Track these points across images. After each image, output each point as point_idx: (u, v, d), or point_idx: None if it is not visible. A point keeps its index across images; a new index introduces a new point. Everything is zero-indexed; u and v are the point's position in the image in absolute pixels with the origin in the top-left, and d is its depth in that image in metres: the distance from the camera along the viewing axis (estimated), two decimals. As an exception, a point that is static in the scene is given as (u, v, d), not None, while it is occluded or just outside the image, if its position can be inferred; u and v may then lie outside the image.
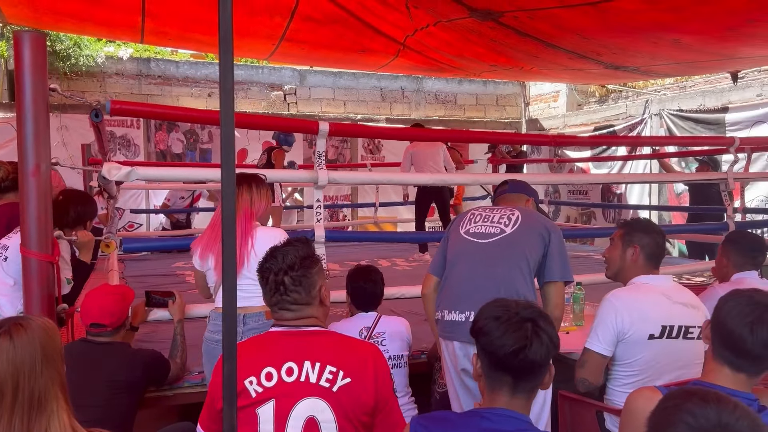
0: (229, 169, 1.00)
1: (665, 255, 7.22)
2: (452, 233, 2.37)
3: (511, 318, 1.37)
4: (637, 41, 4.10)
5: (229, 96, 0.98)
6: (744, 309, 1.44)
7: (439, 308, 2.26)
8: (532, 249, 2.20)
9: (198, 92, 9.38)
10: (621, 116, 9.37)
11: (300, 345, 1.59)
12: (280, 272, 1.63)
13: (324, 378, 1.53)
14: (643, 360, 2.09)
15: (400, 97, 10.70)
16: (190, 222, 7.83)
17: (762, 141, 6.14)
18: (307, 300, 1.65)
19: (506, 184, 2.62)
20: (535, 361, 1.34)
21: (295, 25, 4.87)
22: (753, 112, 7.29)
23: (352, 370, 1.55)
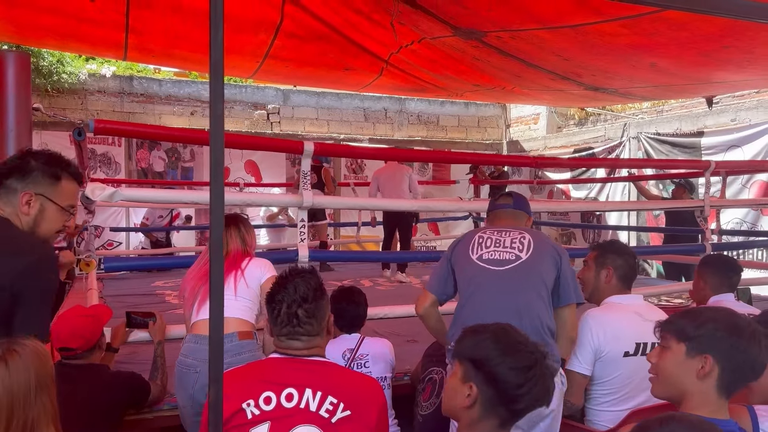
0: (218, 190, 1.00)
1: (645, 275, 7.34)
2: (460, 257, 2.25)
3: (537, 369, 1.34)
4: (616, 63, 4.19)
5: (219, 121, 0.98)
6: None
7: (455, 339, 2.17)
8: (547, 274, 2.15)
9: (180, 110, 9.36)
10: (600, 139, 9.53)
11: (302, 373, 1.57)
12: (293, 304, 1.61)
13: (324, 408, 1.51)
14: (620, 378, 2.12)
15: (383, 117, 10.78)
16: (169, 241, 7.76)
17: (736, 165, 6.31)
18: (318, 331, 1.64)
19: (510, 197, 2.49)
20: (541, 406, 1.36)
21: (280, 42, 4.90)
22: (728, 136, 7.46)
23: (353, 403, 1.54)
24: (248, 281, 2.39)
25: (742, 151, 7.25)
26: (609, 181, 8.60)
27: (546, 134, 10.90)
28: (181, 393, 2.33)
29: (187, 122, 9.32)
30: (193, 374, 2.27)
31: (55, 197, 1.69)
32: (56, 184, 1.70)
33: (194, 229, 8.75)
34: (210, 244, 1.00)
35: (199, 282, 2.42)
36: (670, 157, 8.11)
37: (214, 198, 1.01)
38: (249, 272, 2.40)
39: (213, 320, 0.99)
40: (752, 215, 7.05)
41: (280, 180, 9.40)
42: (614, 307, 2.23)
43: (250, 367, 1.66)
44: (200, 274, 2.44)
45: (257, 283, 2.41)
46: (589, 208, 8.07)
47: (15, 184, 1.66)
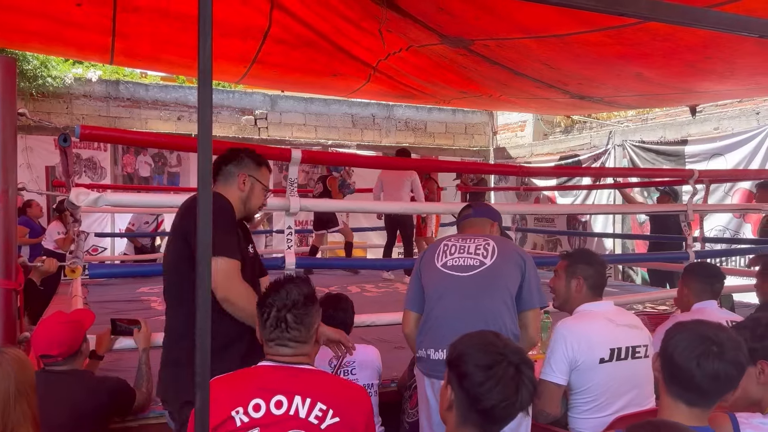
0: (205, 194, 1.00)
1: (630, 282, 7.40)
2: (426, 266, 2.30)
3: (500, 369, 1.34)
4: (602, 73, 4.24)
5: (207, 129, 0.99)
6: (690, 343, 1.44)
7: (423, 346, 2.19)
8: (512, 279, 2.19)
9: (167, 115, 9.32)
10: (585, 146, 9.62)
11: (292, 380, 1.58)
12: (283, 309, 1.63)
13: (313, 414, 1.52)
14: (597, 385, 2.13)
15: (371, 123, 10.81)
16: (155, 247, 7.69)
17: (719, 174, 6.41)
18: (306, 338, 1.65)
19: (470, 208, 2.58)
20: (518, 411, 1.36)
21: (267, 48, 4.90)
22: (711, 144, 7.57)
23: (342, 410, 1.55)
24: None
25: (724, 159, 7.36)
26: (594, 188, 8.68)
27: (532, 141, 10.99)
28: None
29: (174, 127, 9.28)
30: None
31: (260, 178, 2.18)
32: (260, 168, 2.20)
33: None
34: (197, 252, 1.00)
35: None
36: (655, 164, 8.21)
37: (202, 205, 1.01)
38: None
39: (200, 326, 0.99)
40: (735, 223, 7.15)
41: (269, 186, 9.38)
42: (586, 315, 2.25)
43: (239, 374, 1.65)
44: None
45: None
46: (575, 211, 8.14)
47: (233, 169, 2.14)
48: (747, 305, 4.49)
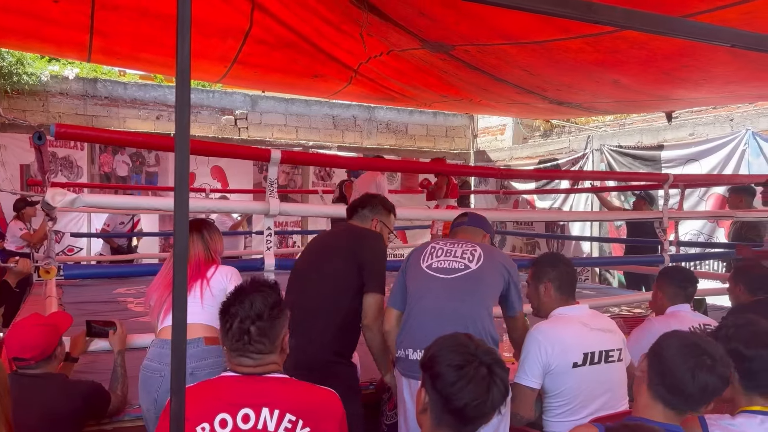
0: (182, 196, 1.00)
1: (607, 284, 7.49)
2: (411, 266, 2.34)
3: (471, 368, 1.36)
4: (580, 79, 4.29)
5: (185, 131, 0.99)
6: (687, 353, 1.48)
7: (402, 346, 2.21)
8: (494, 286, 2.24)
9: (146, 114, 9.21)
10: (564, 150, 9.73)
11: (257, 391, 1.53)
12: (246, 320, 1.58)
13: (283, 427, 1.49)
14: (571, 388, 2.16)
15: (352, 125, 10.80)
16: (131, 247, 7.59)
17: (694, 178, 6.54)
18: (270, 350, 1.61)
19: (466, 216, 2.65)
20: (490, 411, 1.37)
21: (248, 48, 4.88)
22: (686, 150, 7.71)
23: (312, 419, 1.52)
24: (213, 290, 2.37)
25: (699, 164, 7.49)
26: (573, 191, 8.78)
27: (512, 145, 11.08)
28: (145, 397, 2.32)
29: (152, 127, 9.18)
30: (158, 378, 2.28)
31: (388, 223, 2.62)
32: (390, 215, 2.63)
33: (157, 236, 8.60)
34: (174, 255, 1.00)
35: (165, 290, 2.41)
36: (632, 169, 8.34)
37: (179, 208, 1.01)
38: (214, 281, 2.39)
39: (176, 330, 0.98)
40: (709, 227, 7.29)
41: (247, 186, 9.33)
42: (561, 320, 2.28)
43: (203, 385, 1.60)
44: (166, 282, 2.44)
45: (222, 292, 2.38)
46: (552, 218, 8.23)
47: (367, 213, 2.59)
48: (720, 308, 4.58)
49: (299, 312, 2.19)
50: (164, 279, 2.47)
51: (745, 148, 6.98)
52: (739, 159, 7.04)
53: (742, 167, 7.00)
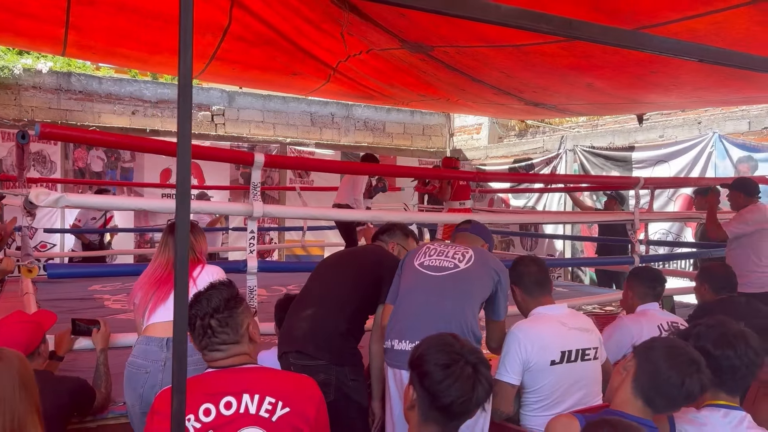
0: (184, 203, 1.04)
1: (579, 282, 7.62)
2: (407, 265, 2.43)
3: (458, 367, 1.43)
4: (556, 82, 4.39)
5: (186, 138, 1.03)
6: (679, 361, 1.57)
7: (389, 337, 2.28)
8: (482, 287, 2.32)
9: (121, 109, 9.09)
10: (539, 150, 9.89)
11: (237, 381, 1.62)
12: (206, 316, 1.68)
13: (264, 408, 1.57)
14: (548, 385, 2.25)
15: (330, 122, 10.81)
16: (103, 244, 7.48)
17: (663, 181, 6.74)
18: (236, 339, 1.69)
19: (470, 223, 2.80)
20: (475, 407, 1.45)
21: (227, 45, 4.88)
22: (656, 151, 7.91)
23: (290, 400, 1.60)
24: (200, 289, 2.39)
25: (668, 165, 7.70)
26: (546, 191, 8.94)
27: (488, 144, 11.21)
28: (130, 393, 2.34)
29: (128, 122, 9.07)
30: (143, 375, 2.30)
31: (406, 246, 2.80)
32: (408, 239, 2.85)
33: (132, 232, 8.51)
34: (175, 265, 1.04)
35: (151, 288, 2.44)
36: (604, 169, 8.53)
37: (180, 213, 1.05)
38: (201, 280, 2.41)
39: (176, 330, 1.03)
40: (677, 226, 7.50)
41: (223, 182, 9.28)
42: (541, 319, 2.37)
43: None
44: (152, 280, 2.46)
45: None
46: (526, 220, 8.36)
47: (386, 238, 2.83)
48: (687, 305, 4.73)
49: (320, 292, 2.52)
50: (150, 277, 2.49)
51: (711, 150, 7.19)
52: (706, 161, 7.25)
53: (708, 169, 7.22)
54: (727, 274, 3.24)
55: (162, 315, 2.37)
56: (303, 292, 2.62)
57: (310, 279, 2.68)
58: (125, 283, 6.57)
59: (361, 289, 2.51)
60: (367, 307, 2.52)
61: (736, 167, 6.91)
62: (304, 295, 2.60)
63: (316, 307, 2.45)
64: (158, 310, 2.39)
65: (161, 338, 2.33)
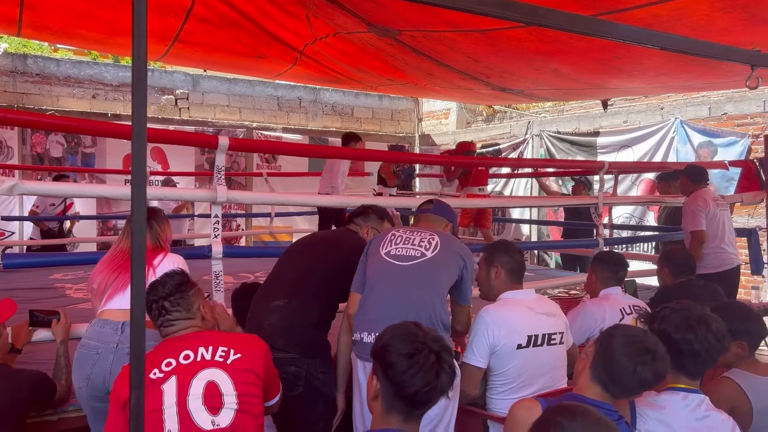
0: (140, 193, 1.01)
1: (545, 266, 7.74)
2: (372, 253, 2.39)
3: (421, 356, 1.44)
4: (522, 67, 4.42)
5: (142, 124, 0.99)
6: (631, 350, 1.60)
7: (358, 329, 2.26)
8: (448, 274, 2.30)
9: (81, 93, 8.82)
10: (506, 135, 9.97)
11: (192, 340, 1.85)
12: (159, 300, 1.90)
13: (218, 354, 1.79)
14: (515, 368, 2.29)
15: (297, 106, 10.68)
16: (63, 231, 7.28)
17: (626, 165, 6.88)
18: (188, 316, 1.92)
19: (431, 203, 2.73)
20: (439, 395, 1.46)
21: (190, 27, 4.76)
22: (620, 137, 8.04)
23: (242, 348, 1.83)
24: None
25: (632, 150, 7.84)
26: (513, 176, 9.03)
27: (456, 129, 11.24)
28: (79, 374, 2.31)
29: (88, 106, 8.80)
30: (94, 355, 2.29)
31: (381, 230, 2.72)
32: (383, 222, 2.80)
33: (94, 219, 8.31)
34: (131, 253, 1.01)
35: (110, 275, 2.42)
36: (569, 154, 8.65)
37: (137, 203, 1.02)
38: (161, 268, 2.37)
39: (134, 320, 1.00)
40: (640, 210, 7.66)
41: (189, 168, 9.12)
42: (508, 302, 2.40)
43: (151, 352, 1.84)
44: (111, 267, 2.45)
45: None
46: (495, 204, 8.40)
47: (360, 222, 2.77)
48: (649, 287, 4.84)
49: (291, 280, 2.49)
50: (108, 264, 2.47)
51: (673, 135, 7.35)
52: (668, 146, 7.41)
53: (670, 154, 7.37)
54: (685, 258, 3.33)
55: (119, 302, 2.36)
56: (272, 279, 2.56)
57: (280, 264, 2.62)
58: (87, 272, 6.42)
59: (333, 278, 2.46)
60: (339, 297, 2.49)
61: (697, 152, 7.07)
62: (273, 281, 2.54)
63: (288, 297, 2.41)
64: (116, 298, 2.38)
65: (117, 321, 2.33)
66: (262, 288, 2.56)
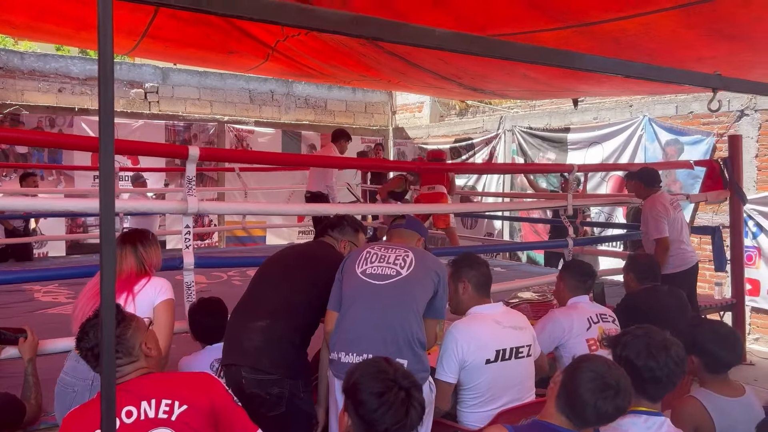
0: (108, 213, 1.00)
1: (516, 260, 7.80)
2: (347, 270, 2.38)
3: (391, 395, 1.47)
4: (492, 71, 4.45)
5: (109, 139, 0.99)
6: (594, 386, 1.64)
7: (335, 349, 2.27)
8: (424, 291, 2.31)
9: (47, 87, 8.59)
10: (479, 130, 10.03)
11: (134, 391, 1.70)
12: (95, 347, 1.74)
13: (162, 411, 1.66)
14: (484, 383, 2.34)
15: (270, 99, 10.57)
16: (28, 230, 7.10)
17: (594, 167, 7.01)
18: (130, 360, 1.77)
19: (404, 218, 2.76)
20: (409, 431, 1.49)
21: (159, 22, 4.68)
22: (590, 133, 8.16)
23: (185, 398, 1.69)
24: (138, 305, 2.31)
25: (602, 147, 7.97)
26: (490, 172, 9.05)
27: (429, 123, 11.27)
28: (60, 409, 2.26)
29: (54, 100, 8.58)
30: (71, 393, 2.23)
31: (357, 242, 2.74)
32: (358, 234, 2.77)
33: (62, 217, 8.14)
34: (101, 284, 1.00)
35: (89, 301, 2.35)
36: (541, 149, 8.77)
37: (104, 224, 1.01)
38: (142, 294, 2.33)
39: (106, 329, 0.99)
40: (609, 206, 7.80)
41: (158, 164, 8.98)
42: (477, 318, 2.45)
43: (88, 404, 1.76)
44: (92, 293, 2.38)
45: (149, 306, 2.35)
46: (468, 209, 8.38)
47: (337, 235, 2.73)
48: (619, 283, 4.93)
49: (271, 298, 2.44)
50: (91, 290, 2.40)
51: (642, 133, 7.49)
52: (637, 143, 7.55)
53: (639, 151, 7.51)
54: (650, 264, 3.41)
55: None
56: (250, 296, 2.54)
57: (257, 280, 2.59)
58: (56, 272, 6.33)
59: (314, 297, 2.45)
60: (318, 314, 2.48)
61: (664, 150, 7.22)
62: (252, 299, 2.52)
63: (269, 318, 2.38)
64: None
65: None
66: (240, 306, 2.52)
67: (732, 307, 5.58)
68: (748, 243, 6.33)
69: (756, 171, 6.53)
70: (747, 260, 6.17)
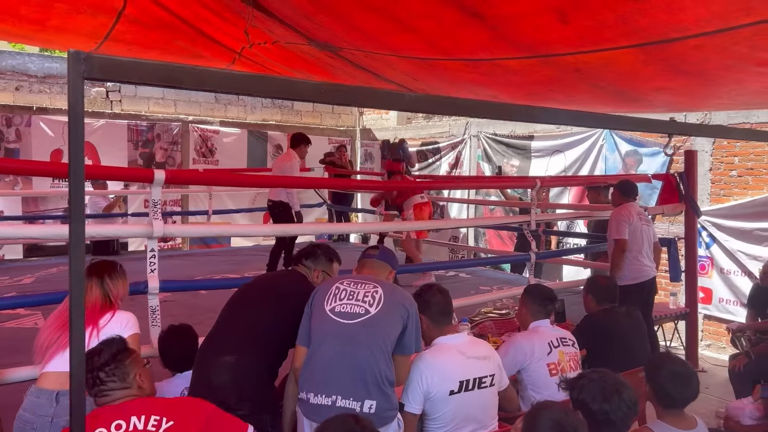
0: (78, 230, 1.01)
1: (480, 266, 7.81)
2: (316, 307, 2.37)
3: None
4: (460, 91, 4.51)
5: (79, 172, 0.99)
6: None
7: (304, 389, 2.27)
8: (393, 329, 2.31)
9: (3, 85, 8.28)
10: (445, 134, 10.12)
11: (126, 409, 1.80)
12: (95, 370, 1.87)
13: (150, 424, 1.74)
14: (448, 413, 2.40)
15: (235, 99, 10.42)
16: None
17: (557, 181, 7.18)
18: (123, 386, 1.89)
19: (377, 249, 2.72)
20: None
21: (122, 27, 4.60)
22: (553, 141, 8.33)
23: (175, 415, 1.78)
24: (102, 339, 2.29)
25: (564, 156, 8.14)
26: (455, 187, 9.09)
27: (396, 125, 11.32)
28: None
29: (11, 98, 8.28)
30: (30, 431, 2.18)
31: (330, 272, 2.74)
32: (331, 264, 2.77)
33: (20, 219, 7.91)
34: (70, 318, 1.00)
35: (55, 332, 2.32)
36: (505, 156, 8.92)
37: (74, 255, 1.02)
38: (107, 329, 2.31)
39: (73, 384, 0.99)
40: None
41: (121, 164, 8.79)
42: (442, 349, 2.50)
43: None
44: (57, 324, 2.34)
45: None
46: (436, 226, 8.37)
47: (310, 264, 2.73)
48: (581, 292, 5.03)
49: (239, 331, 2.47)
50: (56, 320, 2.36)
51: (603, 143, 7.67)
52: (598, 153, 7.74)
53: (599, 161, 7.71)
54: (608, 286, 3.52)
55: (57, 364, 2.26)
56: (219, 329, 2.53)
57: (226, 313, 2.57)
58: (13, 277, 6.15)
59: (283, 331, 2.45)
60: (287, 348, 2.49)
61: (624, 160, 7.42)
62: (220, 333, 2.51)
63: (237, 353, 2.39)
64: (56, 358, 2.28)
65: (52, 391, 2.23)
66: (208, 339, 2.51)
67: (686, 316, 5.80)
68: (702, 253, 6.56)
69: (710, 184, 6.76)
70: (700, 270, 6.40)
